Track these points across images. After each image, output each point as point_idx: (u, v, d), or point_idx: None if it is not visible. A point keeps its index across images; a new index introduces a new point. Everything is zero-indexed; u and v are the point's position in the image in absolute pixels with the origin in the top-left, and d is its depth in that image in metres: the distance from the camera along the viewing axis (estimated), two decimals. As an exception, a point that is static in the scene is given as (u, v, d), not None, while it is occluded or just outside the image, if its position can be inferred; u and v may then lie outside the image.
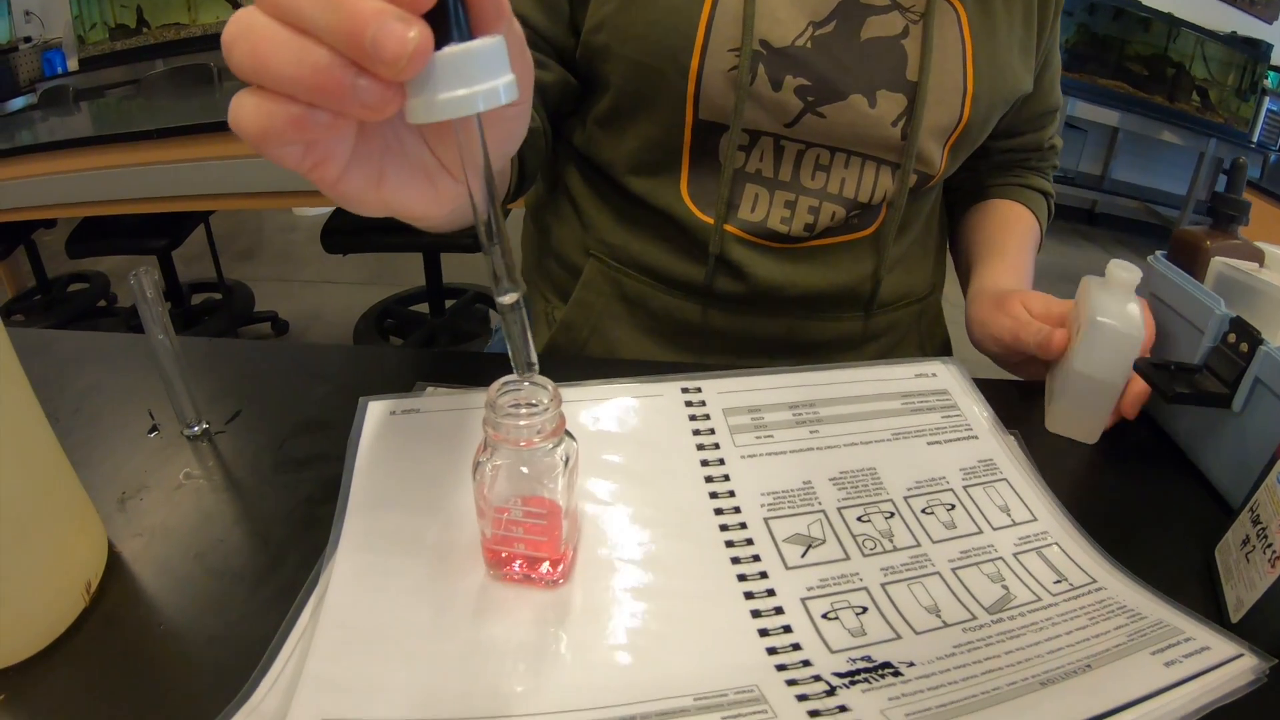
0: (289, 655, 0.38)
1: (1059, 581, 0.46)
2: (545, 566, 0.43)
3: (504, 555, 0.43)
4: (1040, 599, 0.45)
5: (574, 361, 0.76)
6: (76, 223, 2.39)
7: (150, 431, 0.56)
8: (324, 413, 0.59)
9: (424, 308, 2.72)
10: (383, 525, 0.46)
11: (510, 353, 0.36)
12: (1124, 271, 0.58)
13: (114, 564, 0.45)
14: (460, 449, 0.51)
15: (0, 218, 2.11)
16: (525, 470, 0.40)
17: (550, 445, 0.39)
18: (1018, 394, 0.66)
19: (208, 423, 0.57)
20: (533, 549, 0.42)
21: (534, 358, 0.36)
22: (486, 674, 0.39)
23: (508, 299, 0.34)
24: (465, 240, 2.16)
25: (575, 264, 0.80)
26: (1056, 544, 0.49)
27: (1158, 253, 0.66)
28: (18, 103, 3.14)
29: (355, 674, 0.38)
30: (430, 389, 0.58)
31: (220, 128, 1.91)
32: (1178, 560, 0.50)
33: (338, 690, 0.37)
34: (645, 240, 0.74)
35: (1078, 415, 0.60)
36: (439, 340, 2.64)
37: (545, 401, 0.39)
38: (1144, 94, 3.77)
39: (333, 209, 2.45)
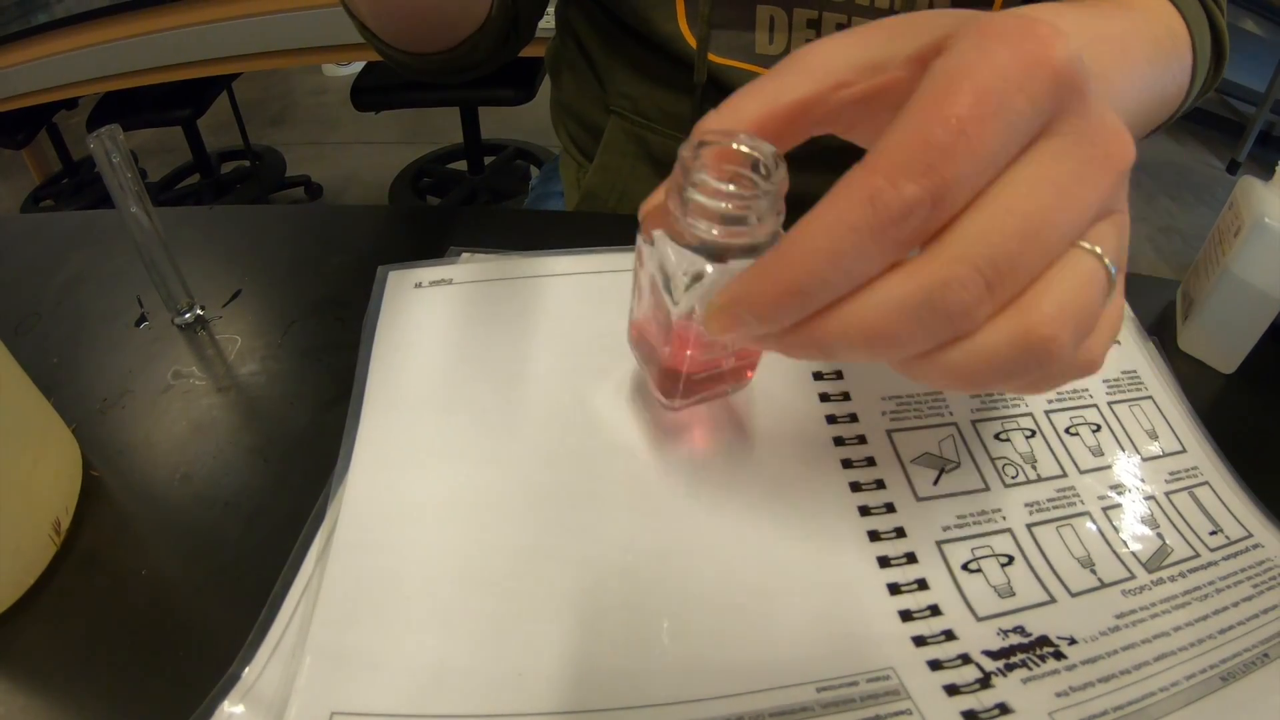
0: (290, 615, 0.30)
1: (1215, 533, 0.37)
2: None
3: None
4: (1198, 555, 0.36)
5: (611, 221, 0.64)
6: (96, 101, 2.28)
7: (139, 323, 0.47)
8: (338, 288, 0.49)
9: (462, 165, 2.56)
10: (407, 433, 0.36)
11: None
12: None
13: (90, 491, 0.37)
14: (506, 330, 0.41)
15: (20, 103, 2.02)
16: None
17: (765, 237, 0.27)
18: (1141, 296, 0.51)
19: (201, 308, 0.47)
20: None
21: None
22: (542, 645, 0.30)
23: None
24: (504, 94, 2.00)
25: (595, 123, 0.67)
26: (1208, 483, 0.39)
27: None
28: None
29: (373, 646, 0.29)
30: (465, 254, 0.48)
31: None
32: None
33: (350, 669, 0.28)
34: (662, 88, 0.60)
35: (1220, 333, 0.48)
36: (479, 199, 2.49)
37: (765, 169, 0.26)
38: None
39: (363, 65, 2.28)
